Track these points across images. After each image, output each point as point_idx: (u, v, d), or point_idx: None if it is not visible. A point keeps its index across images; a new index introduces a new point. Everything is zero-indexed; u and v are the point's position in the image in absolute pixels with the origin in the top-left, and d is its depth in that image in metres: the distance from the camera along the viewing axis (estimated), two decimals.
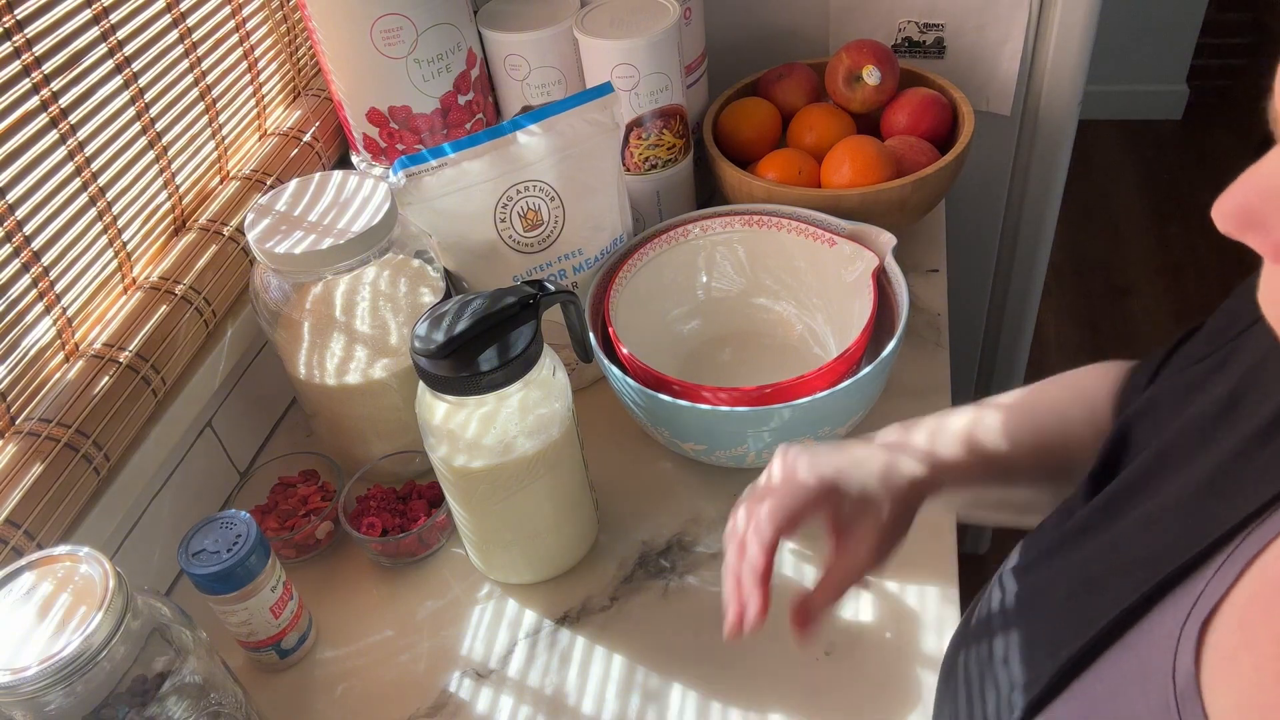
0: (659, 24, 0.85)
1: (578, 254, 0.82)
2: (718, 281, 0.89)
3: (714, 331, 0.90)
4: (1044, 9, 1.03)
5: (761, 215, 0.86)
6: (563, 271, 0.82)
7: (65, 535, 0.65)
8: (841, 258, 0.82)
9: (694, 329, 0.89)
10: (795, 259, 0.86)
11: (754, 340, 0.89)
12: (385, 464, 0.80)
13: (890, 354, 0.72)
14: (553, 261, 0.81)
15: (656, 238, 0.85)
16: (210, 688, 0.56)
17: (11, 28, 0.62)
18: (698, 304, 0.89)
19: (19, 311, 0.64)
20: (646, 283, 0.85)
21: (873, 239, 0.81)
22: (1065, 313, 2.28)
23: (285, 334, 0.75)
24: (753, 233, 0.86)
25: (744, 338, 0.89)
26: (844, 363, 0.73)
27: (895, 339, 0.73)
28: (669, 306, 0.88)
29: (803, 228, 0.84)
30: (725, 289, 0.89)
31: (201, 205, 0.83)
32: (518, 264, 0.80)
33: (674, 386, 0.72)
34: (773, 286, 0.88)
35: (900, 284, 0.78)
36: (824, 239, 0.83)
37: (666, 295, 0.87)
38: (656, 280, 0.85)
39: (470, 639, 0.72)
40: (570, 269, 0.82)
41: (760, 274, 0.88)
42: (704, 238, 0.86)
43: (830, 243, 0.82)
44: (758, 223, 0.86)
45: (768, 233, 0.86)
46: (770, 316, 0.89)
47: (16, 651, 0.48)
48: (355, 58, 0.83)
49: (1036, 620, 0.45)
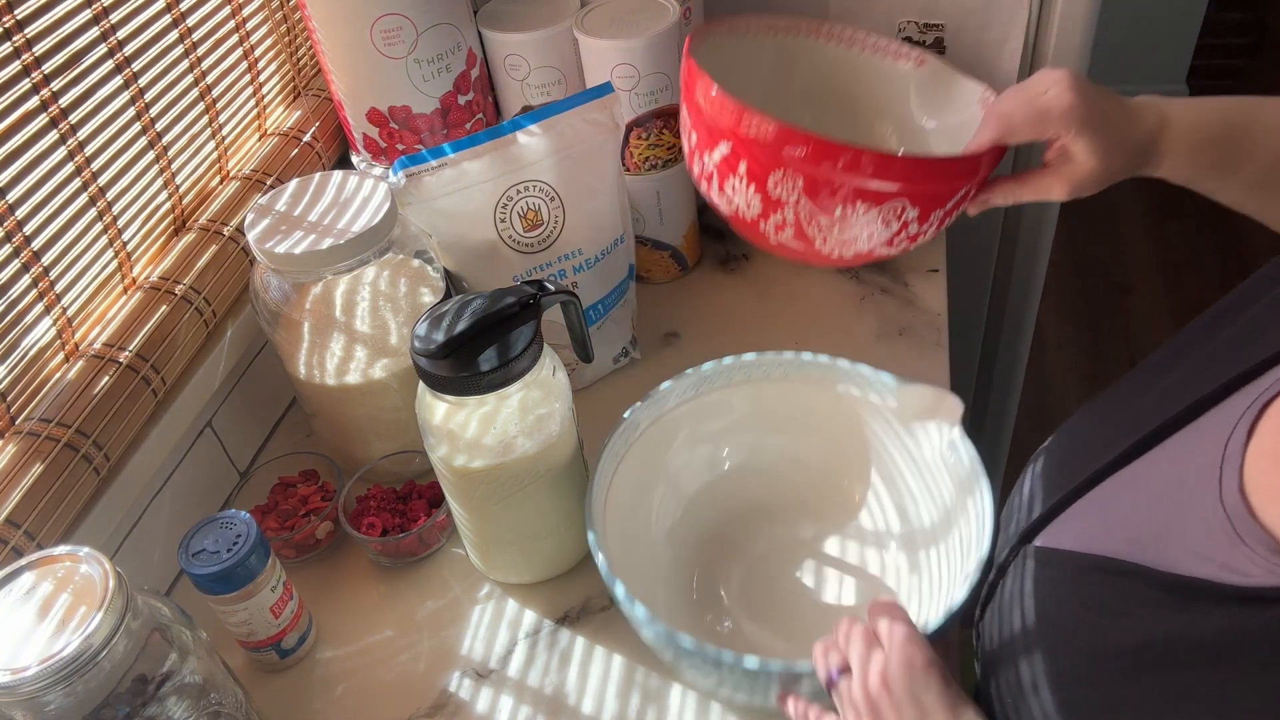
0: (659, 24, 0.85)
1: (578, 254, 0.82)
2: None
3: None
4: (1044, 9, 1.03)
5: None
6: (563, 271, 0.82)
7: (65, 535, 0.65)
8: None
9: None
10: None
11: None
12: (385, 464, 0.80)
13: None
14: (553, 261, 0.81)
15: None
16: (210, 688, 0.56)
17: (11, 28, 0.62)
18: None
19: (19, 311, 0.64)
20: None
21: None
22: (1065, 312, 2.28)
23: (285, 334, 0.75)
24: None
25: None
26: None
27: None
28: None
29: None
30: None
31: (201, 205, 0.83)
32: (518, 264, 0.80)
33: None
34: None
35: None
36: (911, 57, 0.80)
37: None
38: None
39: (470, 639, 0.72)
40: (570, 269, 0.82)
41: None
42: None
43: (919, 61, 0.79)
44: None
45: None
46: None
47: (16, 651, 0.48)
48: (355, 58, 0.83)
49: (1124, 408, 0.55)
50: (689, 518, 0.74)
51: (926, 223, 0.65)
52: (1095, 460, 0.52)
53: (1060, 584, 0.50)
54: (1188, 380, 0.50)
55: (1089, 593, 0.48)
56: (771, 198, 0.65)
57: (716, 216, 0.82)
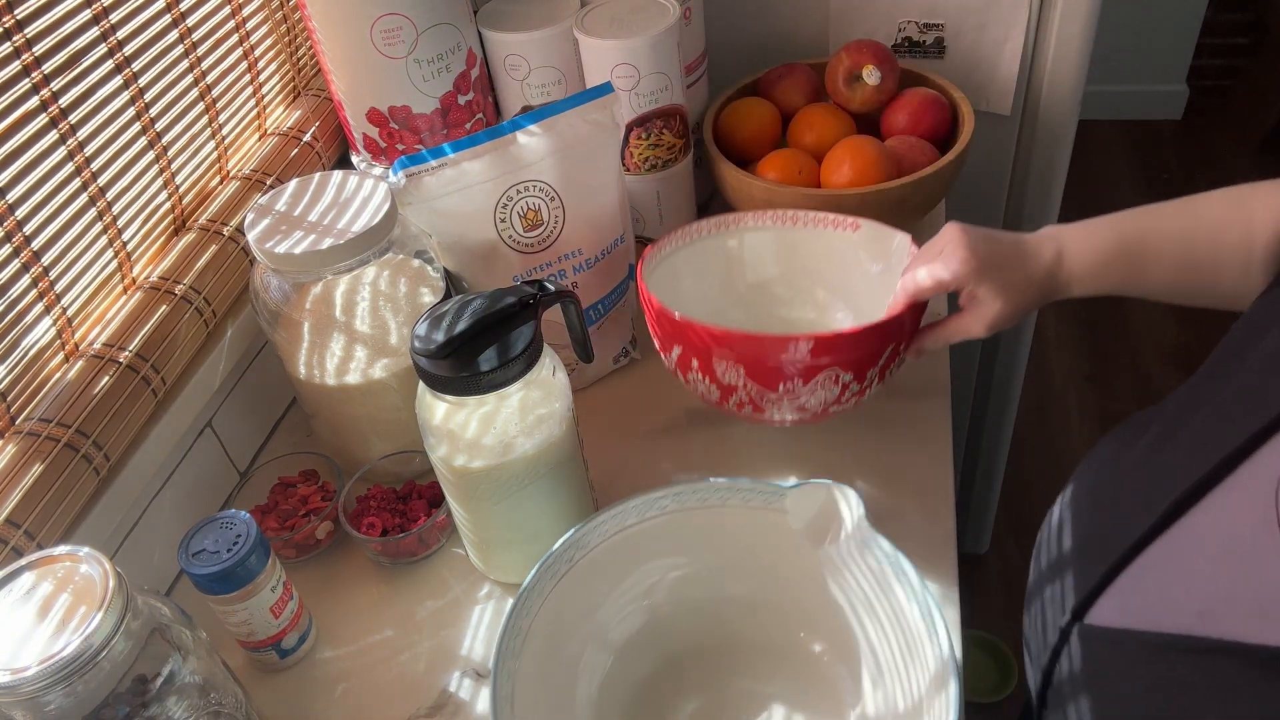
0: (659, 24, 0.85)
1: (578, 254, 0.82)
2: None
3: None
4: (1044, 9, 1.03)
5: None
6: (563, 271, 0.82)
7: (65, 535, 0.65)
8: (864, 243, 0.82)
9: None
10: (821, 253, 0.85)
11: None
12: (385, 464, 0.80)
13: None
14: (553, 261, 0.81)
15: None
16: (210, 688, 0.56)
17: (11, 28, 0.62)
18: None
19: (19, 311, 0.64)
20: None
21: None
22: (1065, 312, 2.28)
23: (285, 334, 0.75)
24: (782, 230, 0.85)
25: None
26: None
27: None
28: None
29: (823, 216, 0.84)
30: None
31: (201, 205, 0.83)
32: (518, 264, 0.80)
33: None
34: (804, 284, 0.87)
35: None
36: (847, 225, 0.83)
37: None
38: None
39: (470, 639, 0.72)
40: (570, 269, 0.82)
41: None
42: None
43: (854, 227, 0.83)
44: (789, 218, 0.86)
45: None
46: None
47: (16, 651, 0.48)
48: (355, 58, 0.83)
49: (1157, 461, 0.52)
50: (618, 673, 0.65)
51: (865, 381, 0.72)
52: (1131, 527, 0.49)
53: (1135, 666, 0.47)
54: (1208, 434, 0.49)
55: (1169, 675, 0.44)
56: (724, 384, 0.73)
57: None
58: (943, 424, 0.82)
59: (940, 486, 0.77)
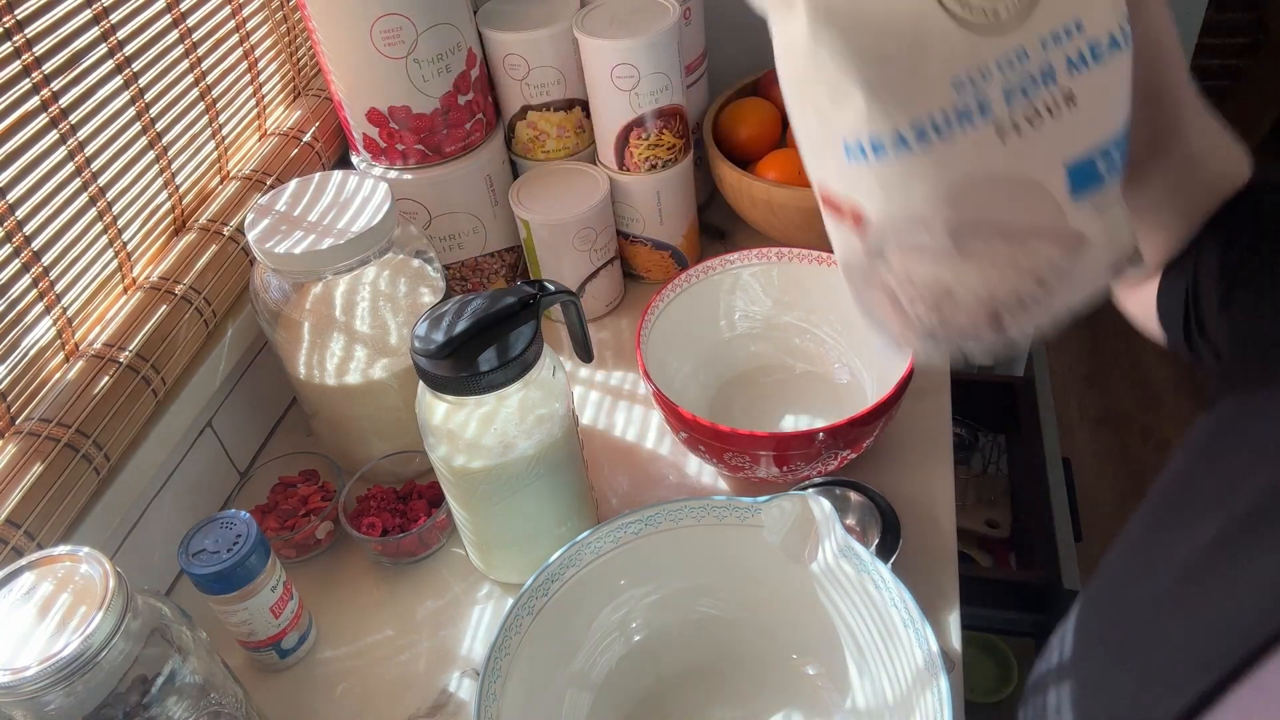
0: (659, 24, 0.85)
1: (1075, 30, 0.39)
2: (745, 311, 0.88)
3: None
4: None
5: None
6: (1051, 66, 0.39)
7: (65, 535, 0.65)
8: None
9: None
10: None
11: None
12: (385, 464, 0.80)
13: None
14: (1028, 50, 0.39)
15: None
16: (210, 688, 0.56)
17: (11, 28, 0.62)
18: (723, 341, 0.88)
19: (19, 311, 0.64)
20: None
21: None
22: None
23: (285, 334, 0.75)
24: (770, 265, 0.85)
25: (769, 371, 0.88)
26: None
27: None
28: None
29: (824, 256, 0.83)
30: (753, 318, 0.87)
31: (201, 205, 0.83)
32: (962, 54, 0.39)
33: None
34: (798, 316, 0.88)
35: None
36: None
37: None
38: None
39: (470, 639, 0.72)
40: (1063, 60, 0.39)
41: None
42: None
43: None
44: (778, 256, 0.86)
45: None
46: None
47: (16, 651, 0.48)
48: (355, 58, 0.83)
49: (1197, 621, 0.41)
50: (602, 710, 0.64)
51: (860, 450, 0.75)
52: (1185, 688, 0.39)
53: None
54: (1250, 593, 0.39)
55: None
56: (731, 465, 0.75)
57: (716, 216, 0.82)
58: (943, 423, 0.82)
59: (941, 486, 0.77)
